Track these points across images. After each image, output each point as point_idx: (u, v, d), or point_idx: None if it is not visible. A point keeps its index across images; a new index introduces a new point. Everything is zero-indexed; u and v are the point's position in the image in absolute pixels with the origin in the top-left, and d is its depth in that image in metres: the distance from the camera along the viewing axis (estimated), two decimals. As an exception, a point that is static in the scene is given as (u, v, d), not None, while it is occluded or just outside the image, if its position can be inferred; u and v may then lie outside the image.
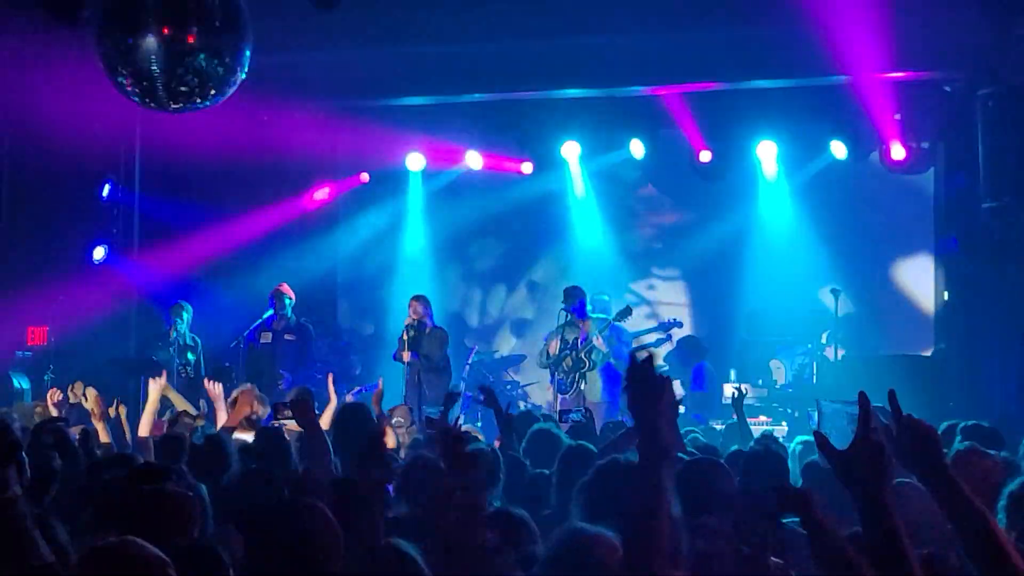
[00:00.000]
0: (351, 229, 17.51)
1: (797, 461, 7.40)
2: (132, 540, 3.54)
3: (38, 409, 10.86)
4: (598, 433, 8.95)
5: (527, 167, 16.11)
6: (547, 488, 6.07)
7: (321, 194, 16.78)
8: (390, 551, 3.68)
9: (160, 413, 13.66)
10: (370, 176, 16.65)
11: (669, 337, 14.69)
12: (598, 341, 13.26)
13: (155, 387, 9.65)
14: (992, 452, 5.94)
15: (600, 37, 13.15)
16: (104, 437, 8.38)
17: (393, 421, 8.98)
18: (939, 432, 7.06)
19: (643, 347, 14.42)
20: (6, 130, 13.39)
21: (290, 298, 14.49)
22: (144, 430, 9.03)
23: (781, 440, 11.44)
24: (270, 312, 14.40)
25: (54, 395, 10.45)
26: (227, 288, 15.16)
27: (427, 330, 14.05)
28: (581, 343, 13.32)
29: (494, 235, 17.54)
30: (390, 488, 5.37)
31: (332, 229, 17.28)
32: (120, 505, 4.50)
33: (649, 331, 15.14)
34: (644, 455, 2.91)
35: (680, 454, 6.55)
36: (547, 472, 6.32)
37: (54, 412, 10.01)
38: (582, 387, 13.23)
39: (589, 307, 13.93)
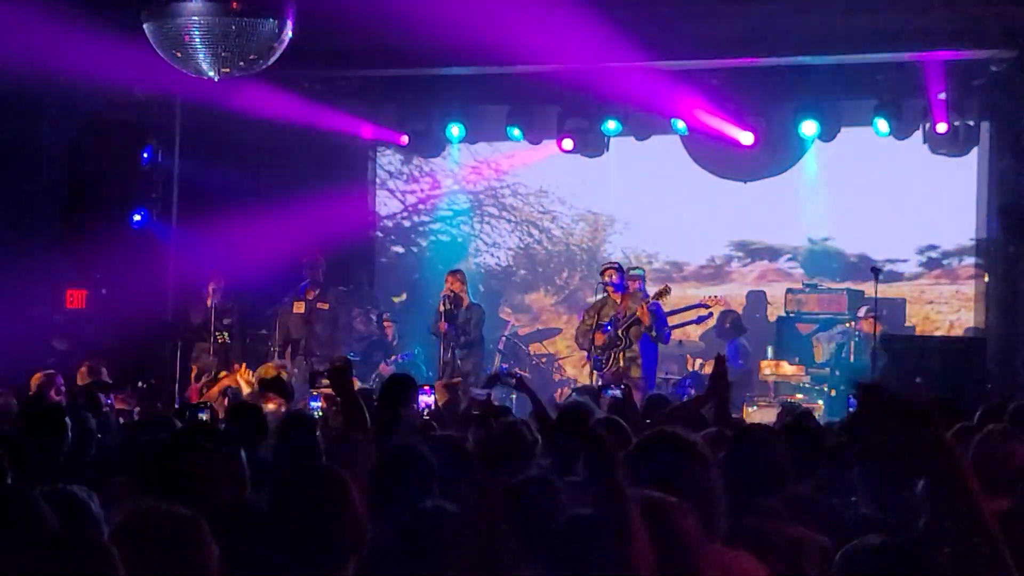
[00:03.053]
0: (389, 198, 17.53)
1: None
2: (161, 504, 3.54)
3: (82, 370, 10.94)
4: (639, 408, 8.87)
5: (567, 143, 15.98)
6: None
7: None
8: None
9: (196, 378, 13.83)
10: (409, 140, 16.52)
11: (711, 315, 14.59)
12: (641, 311, 13.08)
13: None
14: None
15: (642, 9, 13.05)
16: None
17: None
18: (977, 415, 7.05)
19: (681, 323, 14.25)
20: (48, 96, 13.42)
21: (323, 267, 14.54)
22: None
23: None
24: (303, 281, 14.47)
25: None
26: (265, 254, 15.19)
27: (464, 305, 14.06)
28: (621, 319, 13.17)
29: (532, 208, 17.49)
30: None
31: (370, 197, 17.30)
32: (161, 466, 4.51)
33: (688, 308, 15.01)
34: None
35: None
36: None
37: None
38: (620, 363, 13.13)
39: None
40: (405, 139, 16.42)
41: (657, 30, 13.40)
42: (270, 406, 9.16)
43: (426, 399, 7.69)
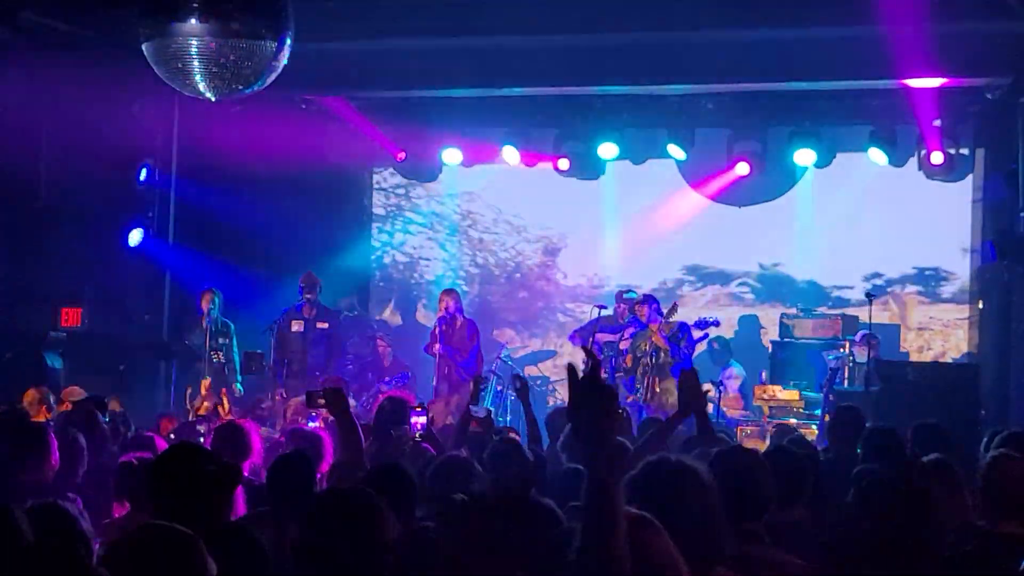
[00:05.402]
0: (385, 220, 17.56)
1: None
2: (160, 523, 3.55)
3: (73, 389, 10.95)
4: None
5: (563, 163, 16.01)
6: (579, 482, 6.04)
7: None
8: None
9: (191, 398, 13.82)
10: (406, 157, 16.49)
11: (706, 336, 14.59)
12: (657, 338, 13.31)
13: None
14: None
15: (638, 34, 13.10)
16: None
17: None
18: (984, 441, 7.06)
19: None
20: (46, 114, 13.45)
21: (320, 286, 14.58)
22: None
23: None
24: (300, 300, 14.50)
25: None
26: (261, 274, 15.21)
27: (458, 324, 14.08)
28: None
29: (528, 231, 17.48)
30: None
31: (367, 219, 17.32)
32: (154, 484, 4.51)
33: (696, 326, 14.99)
34: (594, 466, 2.97)
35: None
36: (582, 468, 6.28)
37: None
38: (656, 391, 13.28)
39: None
40: (402, 155, 16.41)
41: (654, 52, 13.46)
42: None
43: (419, 419, 7.69)
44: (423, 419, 7.72)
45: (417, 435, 7.61)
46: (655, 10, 12.53)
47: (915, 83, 13.51)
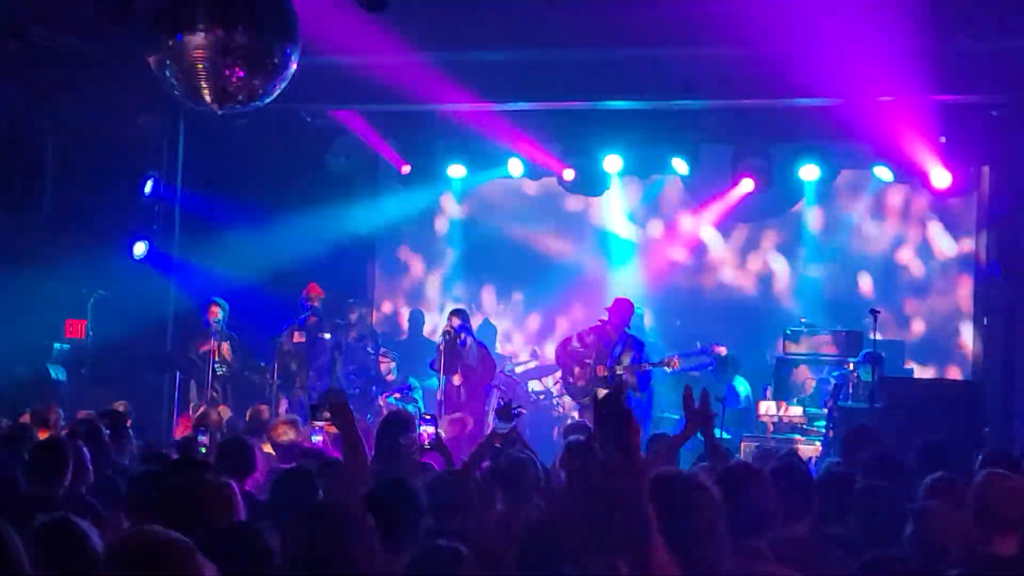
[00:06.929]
0: (389, 234, 17.58)
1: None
2: (155, 528, 3.54)
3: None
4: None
5: (568, 173, 16.05)
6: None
7: None
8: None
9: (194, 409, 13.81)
10: (411, 171, 16.51)
11: (712, 362, 14.55)
12: (628, 374, 13.28)
13: None
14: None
15: (645, 50, 13.11)
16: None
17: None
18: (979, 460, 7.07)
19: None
20: (51, 125, 13.48)
21: (322, 298, 14.60)
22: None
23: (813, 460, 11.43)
24: (303, 312, 14.52)
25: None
26: (265, 286, 15.21)
27: (467, 344, 14.08)
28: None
29: (530, 244, 17.47)
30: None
31: (371, 231, 17.33)
32: (159, 495, 4.52)
33: (690, 354, 14.97)
34: (622, 478, 3.25)
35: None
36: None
37: None
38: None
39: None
40: (407, 168, 16.45)
41: (659, 68, 13.47)
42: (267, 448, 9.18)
43: (428, 429, 7.64)
44: (432, 428, 7.68)
45: (427, 444, 7.57)
46: (660, 26, 12.53)
47: (921, 101, 13.52)
